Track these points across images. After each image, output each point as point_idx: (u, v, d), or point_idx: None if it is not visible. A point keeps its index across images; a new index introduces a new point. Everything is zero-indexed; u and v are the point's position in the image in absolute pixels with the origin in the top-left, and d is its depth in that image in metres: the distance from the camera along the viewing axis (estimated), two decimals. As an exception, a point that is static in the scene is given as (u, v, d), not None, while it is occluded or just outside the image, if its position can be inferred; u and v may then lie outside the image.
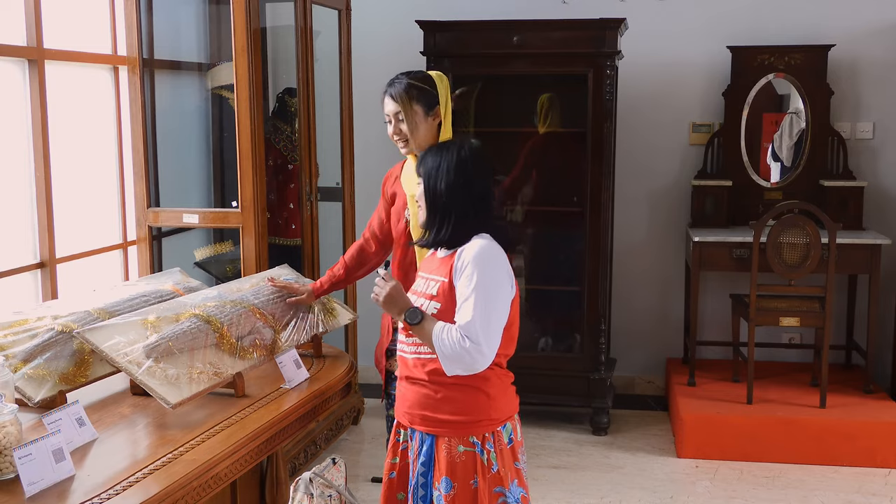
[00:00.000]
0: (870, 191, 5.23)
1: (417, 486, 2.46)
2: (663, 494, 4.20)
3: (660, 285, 5.61)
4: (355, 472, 4.38)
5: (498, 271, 2.42)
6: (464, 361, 2.36)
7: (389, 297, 2.46)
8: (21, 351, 2.64)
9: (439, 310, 2.43)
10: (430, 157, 2.52)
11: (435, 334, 2.38)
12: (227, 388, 2.78)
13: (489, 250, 2.42)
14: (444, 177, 2.47)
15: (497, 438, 2.45)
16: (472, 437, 2.42)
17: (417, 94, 3.08)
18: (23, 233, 3.63)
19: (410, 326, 2.43)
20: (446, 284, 2.43)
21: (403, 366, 2.55)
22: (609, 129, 4.84)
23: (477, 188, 2.49)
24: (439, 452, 2.44)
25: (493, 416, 2.45)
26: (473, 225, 2.47)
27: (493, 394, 2.46)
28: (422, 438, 2.47)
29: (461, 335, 2.34)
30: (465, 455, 2.42)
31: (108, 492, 2.12)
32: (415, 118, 3.06)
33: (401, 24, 5.31)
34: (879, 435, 4.48)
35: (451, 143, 2.56)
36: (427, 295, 2.47)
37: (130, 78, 4.18)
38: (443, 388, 2.44)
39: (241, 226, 4.02)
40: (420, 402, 2.47)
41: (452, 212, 2.46)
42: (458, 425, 2.42)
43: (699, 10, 5.37)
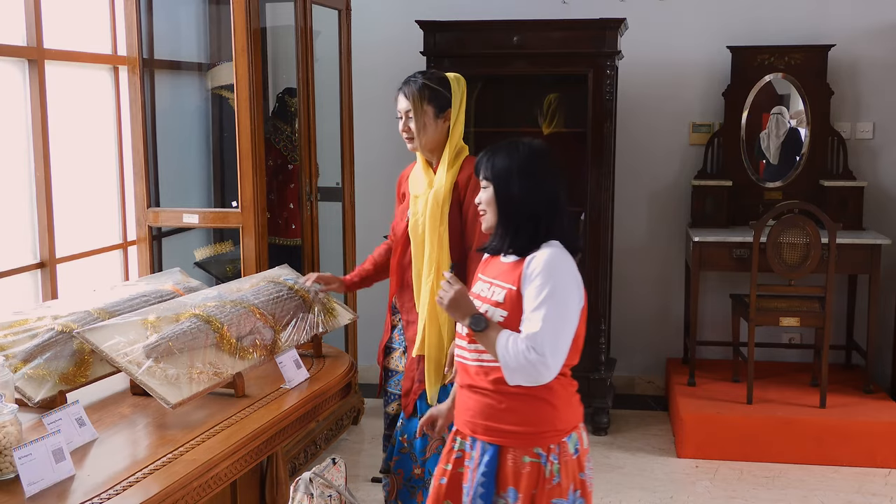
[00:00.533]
0: (870, 191, 5.23)
1: (477, 496, 2.38)
2: (663, 494, 4.20)
3: (660, 285, 5.61)
4: (355, 472, 4.38)
5: (569, 282, 2.36)
6: (528, 373, 2.30)
7: (454, 301, 2.40)
8: (21, 351, 2.63)
9: (506, 318, 2.37)
10: (499, 160, 2.44)
11: (500, 343, 2.32)
12: (227, 388, 2.78)
13: (560, 259, 2.37)
14: (517, 180, 2.40)
15: (562, 450, 2.39)
16: (536, 449, 2.37)
17: (430, 95, 3.09)
18: (23, 233, 3.63)
19: (474, 333, 2.38)
20: (514, 292, 2.37)
21: (464, 373, 2.48)
22: (609, 129, 4.84)
23: (548, 191, 2.43)
24: (504, 463, 2.38)
25: (558, 427, 2.40)
26: (544, 229, 2.40)
27: (558, 404, 2.41)
28: (483, 448, 2.41)
29: (527, 346, 2.28)
30: (530, 466, 2.37)
31: (108, 492, 2.11)
32: (424, 118, 3.08)
33: (401, 24, 5.31)
34: (879, 435, 4.48)
35: (517, 144, 2.47)
36: (492, 301, 2.41)
37: (130, 78, 4.18)
38: (507, 399, 2.38)
39: (241, 226, 4.02)
40: (483, 411, 2.41)
41: (524, 216, 2.40)
42: (523, 436, 2.37)
43: (699, 10, 5.37)
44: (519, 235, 2.40)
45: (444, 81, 3.12)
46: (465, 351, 2.47)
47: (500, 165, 2.43)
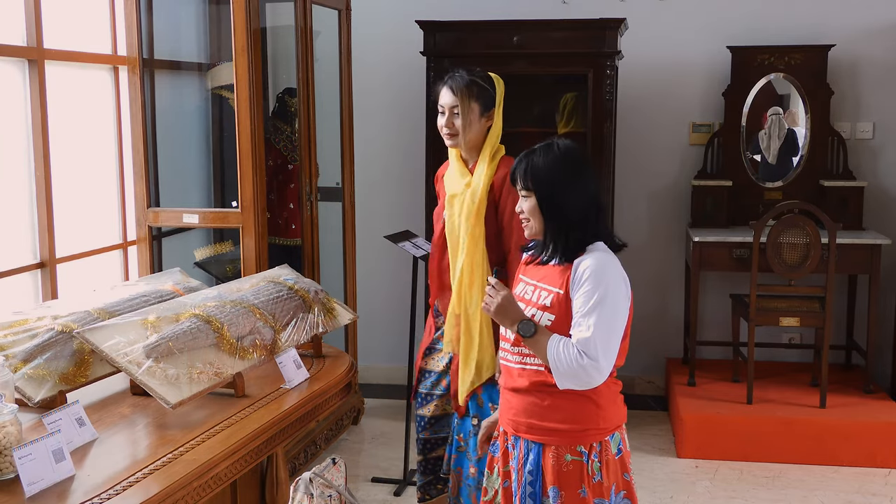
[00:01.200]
0: (870, 191, 5.23)
1: (526, 495, 2.39)
2: (663, 494, 4.20)
3: (660, 285, 5.61)
4: (355, 472, 4.38)
5: (618, 285, 2.36)
6: (579, 378, 2.30)
7: (501, 307, 2.37)
8: (21, 351, 2.63)
9: (553, 322, 2.36)
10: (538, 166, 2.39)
11: (550, 349, 2.31)
12: (227, 388, 2.78)
13: (608, 262, 2.36)
14: (563, 182, 2.38)
15: (604, 448, 2.39)
16: (579, 447, 2.36)
17: (478, 92, 3.08)
18: (23, 233, 3.63)
19: (523, 339, 2.36)
20: (562, 296, 2.35)
21: (508, 376, 2.48)
22: (609, 129, 4.84)
23: (590, 191, 2.41)
24: (546, 461, 2.38)
25: (601, 426, 2.39)
26: (592, 232, 2.39)
27: (602, 403, 2.40)
28: (527, 446, 2.41)
29: (578, 352, 2.28)
30: (572, 464, 2.36)
31: (108, 492, 2.11)
32: (470, 115, 3.07)
33: (401, 24, 5.31)
34: (879, 435, 4.48)
35: (551, 147, 2.42)
36: (539, 305, 2.39)
37: (130, 78, 4.17)
38: (549, 397, 2.37)
39: (241, 226, 4.02)
40: (526, 410, 2.41)
41: (572, 221, 2.38)
42: (565, 434, 2.37)
43: (699, 10, 5.37)
44: (568, 242, 2.38)
45: (489, 79, 3.12)
46: (509, 353, 2.46)
47: (540, 172, 2.38)
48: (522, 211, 2.44)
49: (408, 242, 4.16)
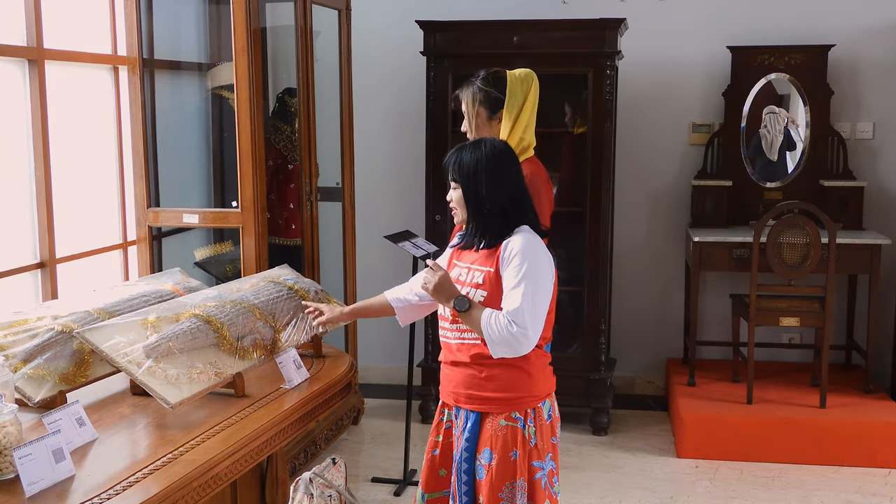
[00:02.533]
0: (870, 191, 5.23)
1: (461, 460, 2.61)
2: (663, 494, 4.20)
3: (660, 285, 5.61)
4: (355, 472, 4.38)
5: (543, 261, 2.56)
6: (510, 345, 2.50)
7: (439, 285, 2.58)
8: (21, 351, 2.63)
9: (486, 298, 2.56)
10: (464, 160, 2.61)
11: (483, 320, 2.51)
12: (227, 388, 2.78)
13: (534, 241, 2.56)
14: (484, 178, 2.58)
15: (538, 414, 2.61)
16: (514, 413, 2.58)
17: (482, 98, 3.17)
18: (23, 233, 3.63)
19: (459, 313, 2.56)
20: (492, 274, 2.56)
21: (447, 351, 2.69)
22: (609, 129, 4.84)
23: (512, 186, 2.61)
24: (483, 427, 2.60)
25: (534, 393, 2.61)
26: (512, 219, 2.60)
27: (534, 372, 2.61)
28: (466, 416, 2.63)
29: (508, 321, 2.48)
30: (506, 429, 2.57)
31: (108, 492, 2.11)
32: (477, 120, 3.19)
33: (401, 24, 5.31)
34: (879, 435, 4.48)
35: (480, 144, 2.64)
36: (473, 284, 2.60)
37: (130, 78, 4.18)
38: (486, 368, 2.59)
39: (241, 226, 4.02)
40: (465, 381, 2.62)
41: (493, 212, 2.59)
42: (501, 402, 2.58)
43: (699, 10, 5.37)
44: (489, 231, 2.60)
45: (501, 82, 3.17)
46: (448, 331, 2.67)
47: (466, 166, 2.61)
48: (451, 200, 2.67)
49: (408, 242, 4.16)
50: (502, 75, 3.19)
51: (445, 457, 2.71)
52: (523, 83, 3.16)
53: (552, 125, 5.21)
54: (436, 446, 2.73)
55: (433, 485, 2.73)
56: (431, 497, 2.73)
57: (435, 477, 2.72)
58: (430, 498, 2.73)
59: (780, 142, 5.31)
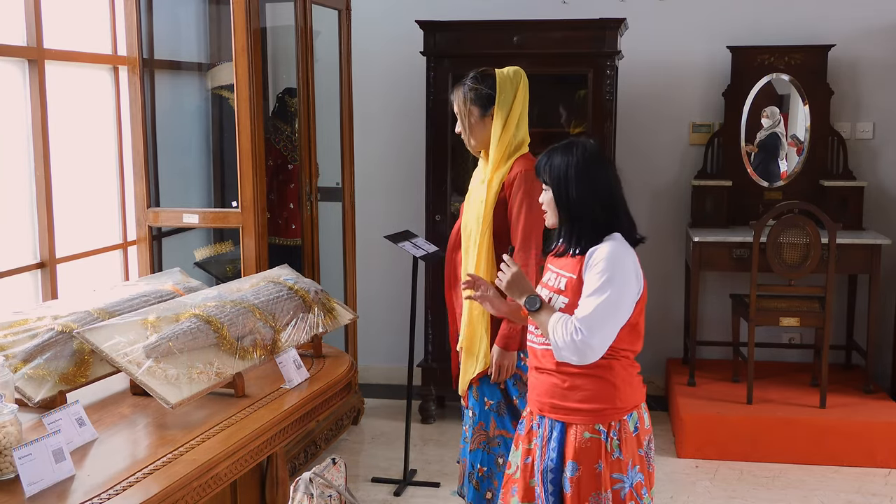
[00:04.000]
0: (870, 191, 5.23)
1: (548, 470, 2.55)
2: (663, 494, 4.20)
3: (660, 285, 5.60)
4: (355, 472, 4.38)
5: (627, 272, 2.49)
6: (573, 352, 2.45)
7: (513, 281, 2.55)
8: (21, 351, 2.63)
9: (567, 304, 2.52)
10: (555, 162, 2.55)
11: (551, 323, 2.48)
12: (227, 388, 2.78)
13: (620, 251, 2.49)
14: (574, 182, 2.53)
15: (622, 427, 2.53)
16: (597, 425, 2.51)
17: (473, 97, 3.17)
18: (23, 233, 3.63)
19: (529, 313, 2.54)
20: (575, 280, 2.52)
21: (533, 356, 2.64)
22: (609, 129, 4.84)
23: (603, 189, 2.55)
24: (568, 438, 2.53)
25: (618, 406, 2.53)
26: (604, 227, 2.53)
27: (619, 384, 2.53)
28: (551, 425, 2.57)
29: (575, 328, 2.43)
30: (590, 441, 2.51)
31: (108, 492, 2.11)
32: (470, 119, 3.17)
33: (401, 24, 5.31)
34: (879, 435, 4.48)
35: (572, 145, 2.58)
36: (556, 289, 2.56)
37: (130, 78, 4.18)
38: (570, 378, 2.53)
39: (241, 226, 4.02)
40: (549, 391, 2.56)
41: (583, 216, 2.53)
42: (585, 413, 2.52)
43: (699, 10, 5.37)
44: (581, 235, 2.53)
45: (490, 79, 3.17)
46: (535, 336, 2.61)
47: (556, 168, 2.55)
48: (543, 202, 2.62)
49: (408, 242, 4.16)
50: (491, 73, 3.20)
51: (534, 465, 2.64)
52: (512, 80, 3.17)
53: (552, 125, 5.22)
54: (529, 454, 2.64)
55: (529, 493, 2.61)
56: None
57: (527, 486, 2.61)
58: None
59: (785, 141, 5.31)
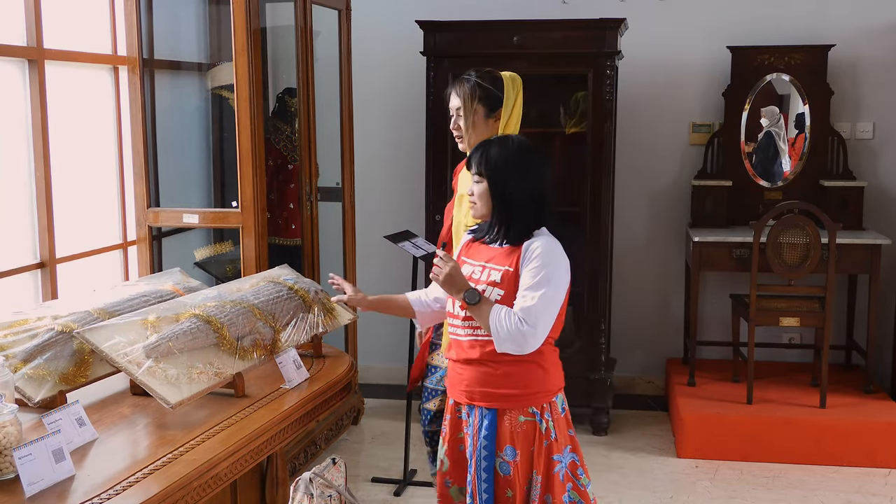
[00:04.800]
0: (870, 191, 5.23)
1: (481, 458, 2.61)
2: (663, 494, 4.20)
3: (660, 285, 5.61)
4: (355, 472, 4.38)
5: (561, 264, 2.61)
6: (517, 342, 2.53)
7: (449, 276, 2.59)
8: (21, 351, 2.63)
9: (503, 296, 2.59)
10: (492, 155, 2.63)
11: (493, 315, 2.54)
12: (227, 388, 2.78)
13: (554, 244, 2.61)
14: (513, 173, 2.61)
15: (553, 408, 2.64)
16: (531, 408, 2.61)
17: (482, 94, 3.15)
18: (23, 233, 3.63)
19: (468, 306, 2.58)
20: (511, 273, 2.59)
21: (458, 349, 2.69)
22: (609, 129, 4.84)
23: (538, 184, 2.64)
24: (502, 424, 2.61)
25: (548, 388, 2.64)
26: (535, 217, 2.63)
27: (548, 367, 2.65)
28: (482, 413, 2.63)
29: (519, 319, 2.51)
30: (525, 424, 2.60)
31: (108, 492, 2.11)
32: (474, 117, 3.15)
33: (401, 24, 5.31)
34: (879, 435, 4.48)
35: (508, 139, 2.67)
36: (489, 282, 2.61)
37: (130, 78, 4.18)
38: (502, 366, 2.60)
39: (241, 226, 4.02)
40: (480, 379, 2.63)
41: (518, 208, 2.61)
42: (518, 398, 2.60)
43: (699, 10, 5.37)
44: (513, 226, 2.62)
45: (498, 81, 3.17)
46: (459, 328, 2.68)
47: (493, 160, 2.62)
48: (472, 193, 2.68)
49: (408, 242, 4.16)
50: (497, 75, 3.20)
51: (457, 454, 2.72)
52: (514, 85, 3.19)
53: (552, 125, 5.22)
54: (460, 442, 2.72)
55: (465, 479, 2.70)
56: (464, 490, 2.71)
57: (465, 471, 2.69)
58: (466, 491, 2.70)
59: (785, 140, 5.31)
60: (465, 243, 2.78)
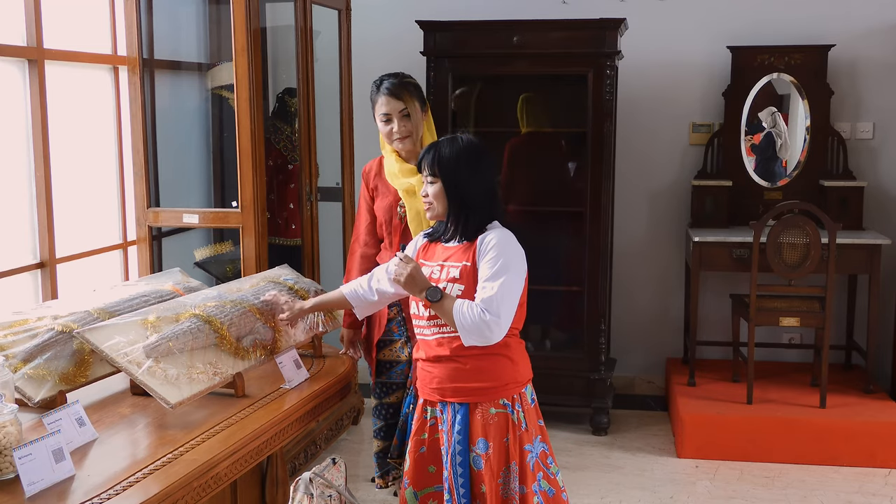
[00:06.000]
0: (870, 191, 5.23)
1: (455, 453, 2.65)
2: (663, 494, 4.20)
3: (660, 285, 5.61)
4: (355, 472, 4.38)
5: (517, 255, 2.66)
6: (482, 333, 2.57)
7: (411, 277, 2.63)
8: (21, 351, 2.63)
9: (463, 291, 2.64)
10: (444, 155, 2.69)
11: (456, 309, 2.59)
12: (227, 388, 2.78)
13: (508, 236, 2.67)
14: (465, 170, 2.68)
15: (523, 399, 2.70)
16: (502, 400, 2.66)
17: (415, 91, 3.24)
18: (23, 233, 3.63)
19: (431, 304, 2.63)
20: (469, 267, 2.65)
21: (426, 348, 2.74)
22: (609, 130, 4.84)
23: (489, 180, 2.72)
24: (474, 418, 2.66)
25: (518, 379, 2.70)
26: (489, 211, 2.70)
27: (516, 358, 2.71)
28: (454, 409, 2.68)
29: (481, 310, 2.56)
30: (497, 416, 2.65)
31: (108, 492, 2.11)
32: (417, 114, 3.18)
33: (401, 24, 5.31)
34: (879, 435, 4.48)
35: (455, 139, 2.73)
36: (449, 279, 2.67)
37: (130, 78, 4.18)
38: (471, 360, 2.66)
39: (241, 226, 4.02)
40: (450, 375, 2.68)
41: (473, 202, 2.68)
42: (490, 391, 2.66)
43: (699, 10, 5.37)
44: (469, 222, 2.68)
45: (412, 79, 3.27)
46: (426, 328, 2.73)
47: (446, 159, 2.69)
48: (427, 194, 2.74)
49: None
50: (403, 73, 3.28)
51: (433, 453, 2.75)
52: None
53: (552, 126, 5.23)
54: (422, 444, 2.77)
55: (423, 481, 2.76)
56: (424, 493, 2.77)
57: (425, 473, 2.75)
58: (422, 495, 2.77)
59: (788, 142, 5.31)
60: (422, 246, 2.82)
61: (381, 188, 3.33)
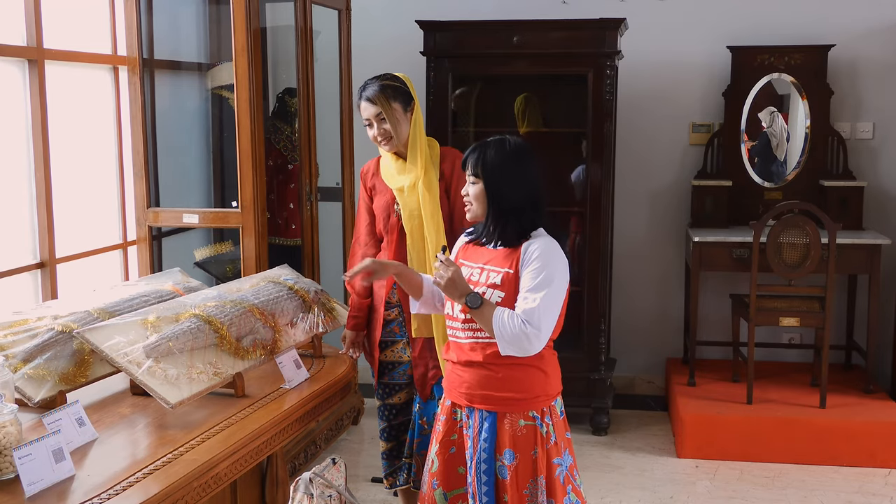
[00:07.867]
0: (870, 191, 5.23)
1: (481, 461, 2.60)
2: (663, 494, 4.20)
3: (660, 285, 5.61)
4: (355, 472, 4.38)
5: (561, 265, 2.60)
6: (521, 344, 2.52)
7: (451, 281, 2.57)
8: (21, 351, 2.63)
9: (504, 298, 2.58)
10: (489, 156, 2.63)
11: (496, 317, 2.53)
12: (227, 388, 2.78)
13: (553, 245, 2.60)
14: (510, 176, 2.62)
15: (552, 412, 2.64)
16: (532, 412, 2.60)
17: (393, 93, 3.22)
18: (23, 233, 3.63)
19: (470, 310, 2.57)
20: (511, 275, 2.58)
21: (458, 351, 2.68)
22: (609, 129, 4.84)
23: (533, 185, 2.65)
24: (502, 427, 2.59)
25: (549, 392, 2.64)
26: (530, 219, 2.63)
27: (549, 371, 2.65)
28: (482, 416, 2.62)
29: (523, 321, 2.51)
30: (525, 429, 2.59)
31: (108, 492, 2.12)
32: (395, 115, 3.21)
33: (401, 24, 5.31)
34: (879, 435, 4.48)
35: (503, 141, 2.67)
36: (489, 284, 2.61)
37: (130, 78, 4.18)
38: (503, 369, 2.59)
39: (241, 226, 4.02)
40: (480, 382, 2.62)
41: (514, 209, 2.61)
42: (519, 402, 2.59)
43: (699, 10, 5.37)
44: (509, 227, 2.62)
45: (398, 79, 3.26)
46: (459, 331, 2.67)
47: (490, 162, 2.62)
48: (467, 194, 2.68)
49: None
50: (395, 74, 3.28)
51: (462, 454, 2.70)
52: (408, 79, 3.28)
53: (552, 126, 5.23)
54: (452, 445, 2.71)
55: (454, 482, 2.70)
56: (454, 494, 2.70)
57: (455, 474, 2.69)
58: (452, 496, 2.70)
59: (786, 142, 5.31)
60: (462, 245, 2.78)
61: (379, 187, 3.35)
